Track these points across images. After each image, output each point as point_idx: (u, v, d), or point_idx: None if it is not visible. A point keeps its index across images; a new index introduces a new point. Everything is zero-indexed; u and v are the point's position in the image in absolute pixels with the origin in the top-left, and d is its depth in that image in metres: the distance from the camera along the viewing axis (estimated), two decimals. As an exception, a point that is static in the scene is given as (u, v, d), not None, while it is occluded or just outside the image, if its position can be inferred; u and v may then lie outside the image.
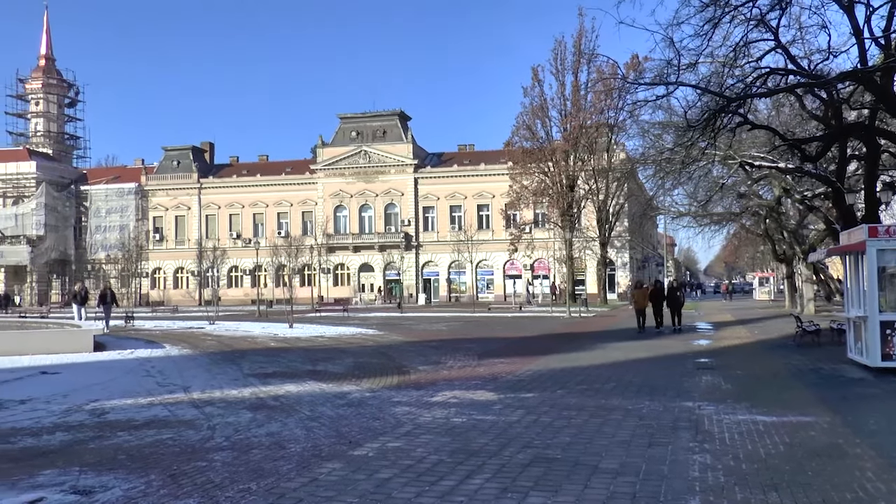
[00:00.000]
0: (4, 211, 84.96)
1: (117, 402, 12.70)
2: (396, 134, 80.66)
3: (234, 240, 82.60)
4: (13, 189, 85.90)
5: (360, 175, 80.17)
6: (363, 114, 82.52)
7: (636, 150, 60.89)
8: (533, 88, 62.43)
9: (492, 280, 77.67)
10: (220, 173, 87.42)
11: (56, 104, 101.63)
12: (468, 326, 34.14)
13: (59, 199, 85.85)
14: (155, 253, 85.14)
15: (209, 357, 20.68)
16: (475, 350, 21.33)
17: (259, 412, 11.33)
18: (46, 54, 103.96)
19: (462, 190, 78.16)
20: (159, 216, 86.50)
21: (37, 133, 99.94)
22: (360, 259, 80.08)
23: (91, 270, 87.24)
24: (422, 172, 79.34)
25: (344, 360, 18.93)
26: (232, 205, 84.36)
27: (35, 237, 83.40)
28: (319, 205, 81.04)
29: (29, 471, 7.99)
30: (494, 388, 13.51)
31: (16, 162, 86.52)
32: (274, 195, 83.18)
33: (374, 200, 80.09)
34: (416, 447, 8.60)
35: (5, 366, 18.80)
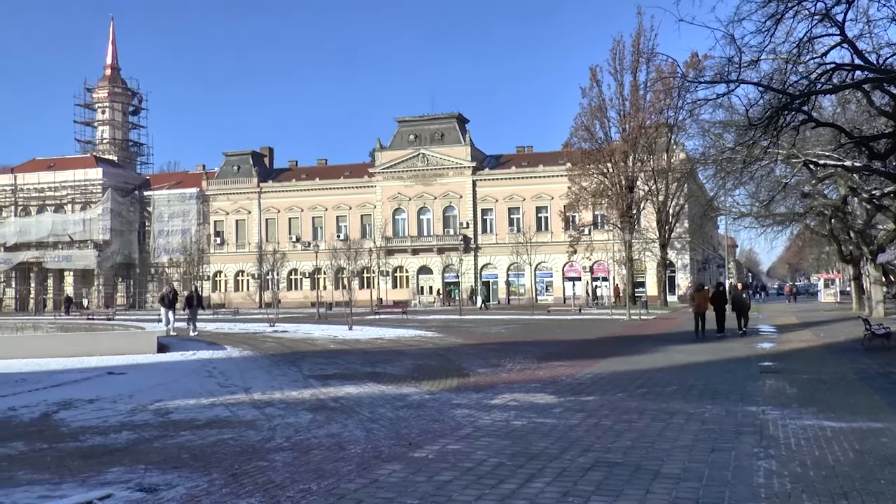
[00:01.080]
0: (73, 216, 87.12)
1: (180, 402, 12.92)
2: (454, 136, 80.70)
3: (294, 243, 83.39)
4: (81, 195, 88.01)
5: (418, 178, 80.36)
6: (421, 117, 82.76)
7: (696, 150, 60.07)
8: (591, 89, 62.05)
9: (551, 282, 77.27)
10: (280, 177, 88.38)
11: (121, 112, 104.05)
12: (527, 329, 34.00)
13: (123, 204, 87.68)
14: (216, 256, 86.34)
15: (269, 359, 20.90)
16: (534, 353, 21.22)
17: (319, 413, 11.41)
18: (112, 64, 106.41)
19: (520, 192, 77.90)
20: (220, 220, 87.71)
21: (103, 140, 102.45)
22: (419, 262, 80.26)
23: (154, 274, 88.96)
24: (480, 175, 79.27)
25: (403, 363, 18.97)
26: (291, 208, 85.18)
27: (101, 241, 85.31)
28: (378, 208, 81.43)
29: (97, 468, 8.18)
30: (554, 391, 13.42)
31: (84, 169, 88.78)
32: (333, 199, 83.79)
33: (433, 203, 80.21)
34: (475, 450, 8.58)
35: (75, 366, 19.28)
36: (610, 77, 61.57)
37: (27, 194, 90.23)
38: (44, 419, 11.55)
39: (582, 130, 62.91)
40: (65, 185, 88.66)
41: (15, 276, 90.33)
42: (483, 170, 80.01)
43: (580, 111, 63.25)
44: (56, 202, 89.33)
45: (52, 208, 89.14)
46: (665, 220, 62.01)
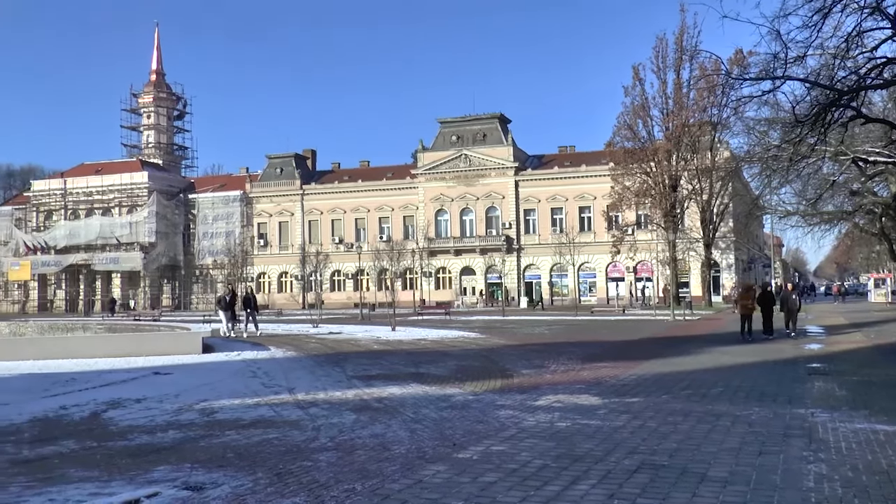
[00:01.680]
0: (119, 219, 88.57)
1: (225, 402, 13.03)
2: (496, 137, 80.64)
3: (337, 244, 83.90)
4: (127, 198, 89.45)
5: (460, 179, 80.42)
6: (463, 118, 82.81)
7: (741, 148, 59.36)
8: (634, 87, 61.69)
9: (594, 283, 76.90)
10: (323, 179, 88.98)
11: (166, 116, 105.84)
12: (571, 330, 33.86)
13: (168, 207, 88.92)
14: (260, 258, 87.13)
15: (313, 359, 21.01)
16: (578, 354, 21.11)
17: (363, 414, 11.44)
18: (157, 69, 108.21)
19: (563, 192, 77.64)
20: (263, 222, 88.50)
21: (148, 145, 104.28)
22: (462, 262, 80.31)
23: (199, 276, 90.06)
24: (522, 175, 79.13)
25: (447, 363, 18.97)
26: (334, 210, 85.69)
27: (147, 244, 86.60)
28: (420, 209, 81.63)
29: (144, 466, 8.29)
30: (598, 392, 13.33)
31: (130, 173, 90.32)
32: (375, 200, 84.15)
33: (475, 204, 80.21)
34: (520, 451, 8.54)
35: (122, 366, 19.56)
36: (653, 75, 61.20)
37: (76, 198, 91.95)
38: (93, 418, 11.73)
39: (625, 129, 62.57)
40: (112, 189, 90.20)
41: (65, 277, 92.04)
42: (525, 170, 79.89)
43: (623, 110, 62.97)
44: (104, 205, 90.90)
45: (99, 212, 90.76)
46: (709, 220, 61.43)
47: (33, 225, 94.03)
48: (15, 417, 11.76)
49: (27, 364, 20.56)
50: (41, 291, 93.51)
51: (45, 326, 36.84)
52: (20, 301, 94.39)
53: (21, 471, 8.24)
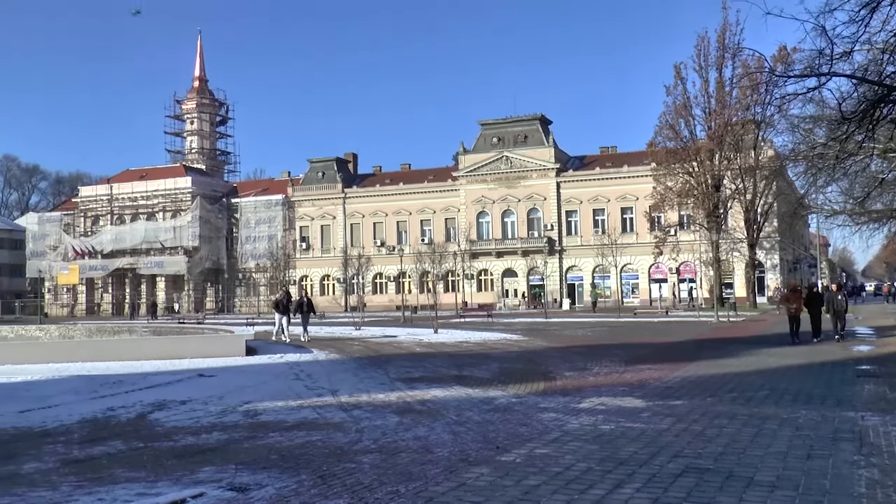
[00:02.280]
0: (164, 224, 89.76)
1: (269, 404, 13.12)
2: (538, 138, 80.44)
3: (379, 247, 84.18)
4: (171, 203, 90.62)
5: (501, 181, 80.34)
6: (504, 119, 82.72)
7: (785, 147, 58.36)
8: (675, 87, 61.15)
9: (637, 284, 76.39)
10: (364, 183, 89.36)
11: (209, 122, 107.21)
12: (613, 332, 33.66)
13: (212, 211, 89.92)
14: (302, 261, 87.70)
15: (356, 361, 21.10)
16: (621, 356, 20.97)
17: (406, 416, 11.45)
18: (200, 76, 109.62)
19: (605, 193, 77.25)
20: (305, 226, 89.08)
21: (192, 150, 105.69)
22: (504, 264, 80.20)
23: (242, 279, 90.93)
24: (564, 176, 78.85)
25: (489, 366, 18.94)
26: (376, 213, 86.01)
27: (191, 248, 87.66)
28: (462, 211, 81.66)
29: (190, 467, 8.38)
30: (642, 394, 13.22)
31: (174, 178, 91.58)
32: (417, 203, 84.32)
33: (517, 205, 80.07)
34: (564, 454, 8.49)
35: (167, 368, 19.80)
36: (694, 74, 60.61)
37: (122, 203, 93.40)
38: (140, 419, 11.90)
39: (666, 129, 62.04)
40: (156, 194, 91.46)
41: (111, 281, 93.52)
42: (567, 171, 79.59)
43: (664, 109, 62.44)
44: (148, 210, 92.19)
45: (144, 216, 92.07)
46: (753, 220, 60.73)
47: (81, 230, 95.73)
48: (65, 418, 11.99)
49: (76, 366, 20.90)
50: (89, 295, 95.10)
51: (93, 329, 37.38)
52: (69, 304, 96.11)
53: (71, 470, 8.41)
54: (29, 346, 26.93)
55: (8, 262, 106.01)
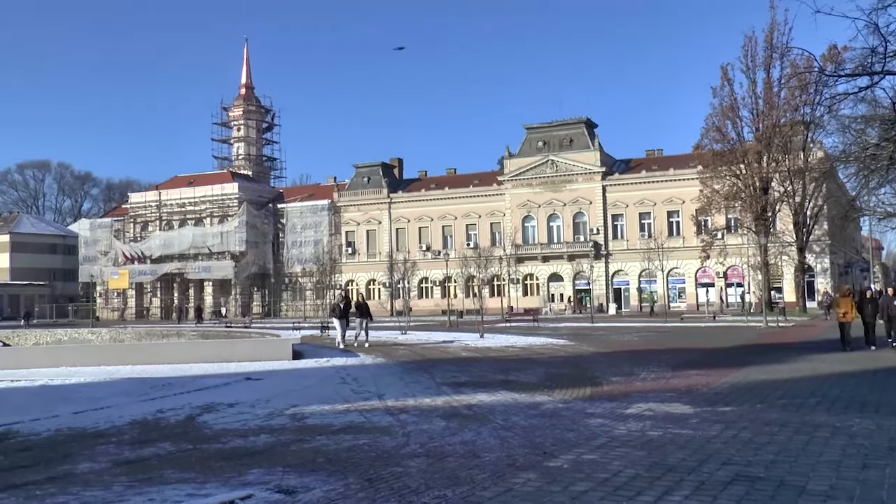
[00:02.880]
0: (211, 229, 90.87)
1: (315, 407, 13.20)
2: (583, 142, 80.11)
3: (424, 252, 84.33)
4: (218, 209, 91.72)
5: (547, 185, 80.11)
6: (549, 123, 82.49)
7: (835, 148, 57.49)
8: (722, 88, 60.50)
9: (683, 289, 75.65)
10: (410, 188, 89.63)
11: (255, 129, 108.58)
12: (660, 337, 33.37)
13: (258, 217, 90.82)
14: (348, 266, 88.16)
15: (402, 366, 21.15)
16: (668, 361, 20.77)
17: (452, 420, 11.45)
18: (246, 83, 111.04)
19: (651, 196, 76.66)
20: (351, 230, 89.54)
21: (238, 157, 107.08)
22: (549, 269, 79.93)
23: (288, 283, 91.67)
24: (609, 180, 78.41)
25: (535, 370, 18.88)
26: (421, 218, 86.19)
27: (238, 253, 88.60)
28: (507, 215, 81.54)
29: (238, 469, 8.47)
30: (690, 400, 13.07)
31: (221, 184, 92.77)
32: (462, 207, 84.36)
33: (562, 209, 79.76)
34: (611, 460, 8.43)
35: (215, 371, 20.05)
36: (742, 75, 59.93)
37: (170, 209, 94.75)
38: (188, 421, 12.06)
39: (713, 131, 61.39)
40: (204, 200, 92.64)
41: (160, 286, 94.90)
42: (612, 175, 79.13)
43: (711, 111, 61.80)
44: (196, 216, 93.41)
45: (192, 222, 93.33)
46: (802, 223, 59.89)
47: (131, 236, 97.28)
48: (116, 420, 12.21)
49: (126, 369, 21.26)
50: (138, 299, 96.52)
51: (143, 333, 37.92)
52: (119, 308, 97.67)
53: (123, 471, 8.56)
54: (82, 350, 27.42)
55: (62, 266, 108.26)
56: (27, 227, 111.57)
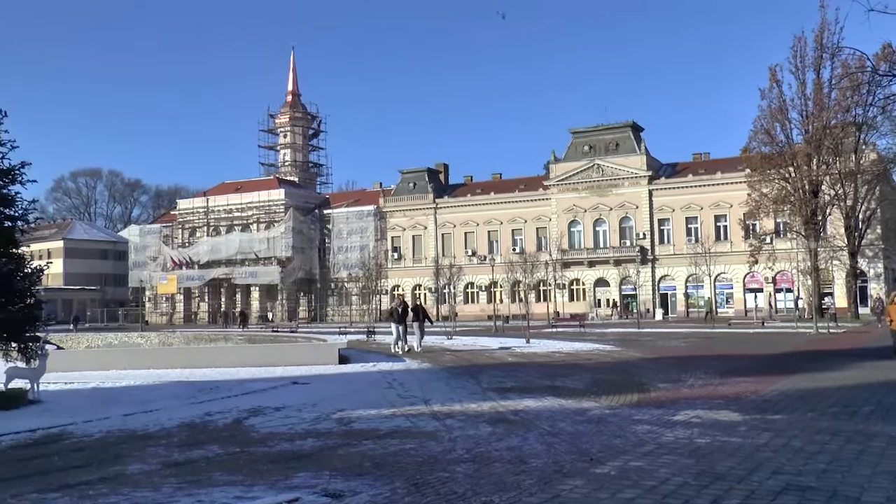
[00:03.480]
0: (258, 235, 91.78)
1: (362, 412, 13.26)
2: (629, 146, 79.61)
3: (470, 257, 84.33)
4: (265, 215, 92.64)
5: (593, 189, 79.71)
6: (595, 127, 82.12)
7: (889, 149, 56.66)
8: (770, 90, 59.65)
9: (731, 294, 74.74)
10: (455, 193, 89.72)
11: (301, 136, 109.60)
12: (708, 343, 33.01)
13: (304, 222, 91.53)
14: (393, 271, 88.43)
15: (448, 371, 21.15)
16: (716, 367, 20.51)
17: (499, 426, 11.42)
18: (293, 91, 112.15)
19: (698, 200, 75.89)
20: (397, 236, 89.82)
21: (285, 163, 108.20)
22: (596, 274, 79.49)
23: (334, 288, 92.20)
24: (656, 184, 77.79)
25: (582, 376, 18.77)
26: (467, 223, 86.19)
27: (284, 258, 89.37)
28: (553, 220, 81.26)
29: (285, 472, 8.55)
30: (738, 408, 12.89)
31: (267, 190, 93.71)
32: (508, 212, 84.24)
33: (608, 214, 79.30)
34: (658, 467, 8.35)
35: (262, 375, 20.24)
36: (791, 76, 59.04)
37: (217, 215, 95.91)
38: (236, 424, 12.19)
39: (761, 134, 60.55)
40: (250, 206, 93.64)
41: (207, 291, 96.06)
42: (659, 179, 78.49)
43: (759, 114, 60.92)
44: (243, 222, 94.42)
45: (239, 228, 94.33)
46: (854, 227, 58.83)
47: (179, 241, 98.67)
48: (165, 422, 12.40)
49: (175, 372, 21.55)
50: (186, 304, 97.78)
51: (191, 337, 38.43)
52: (168, 313, 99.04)
53: (172, 472, 8.70)
54: (131, 353, 27.86)
55: (112, 272, 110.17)
56: (80, 233, 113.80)
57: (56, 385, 18.41)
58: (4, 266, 15.82)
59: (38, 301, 17.31)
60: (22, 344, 16.10)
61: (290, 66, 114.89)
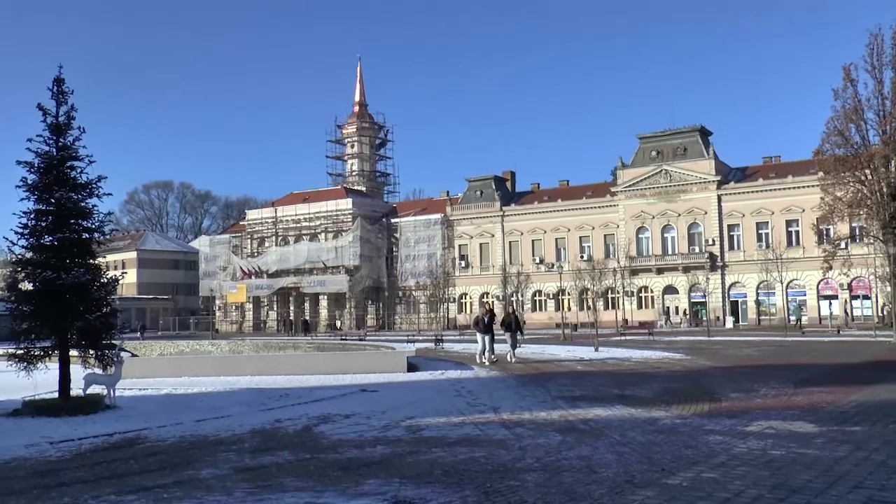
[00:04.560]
0: (326, 244, 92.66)
1: (430, 419, 13.29)
2: (697, 150, 78.46)
3: (537, 264, 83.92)
4: (333, 224, 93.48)
5: (661, 195, 78.74)
6: (662, 132, 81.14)
7: (974, 151, 54.66)
8: (845, 90, 57.86)
9: (804, 301, 73.04)
10: (522, 200, 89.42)
11: (368, 145, 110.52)
12: (780, 351, 32.31)
13: (372, 231, 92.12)
14: (461, 279, 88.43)
15: (517, 379, 21.09)
16: (790, 377, 20.05)
17: (568, 435, 11.34)
18: (360, 101, 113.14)
19: (768, 205, 74.35)
20: (464, 244, 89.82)
21: (352, 173, 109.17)
22: (664, 281, 78.45)
23: (402, 297, 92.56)
24: (725, 189, 76.46)
25: (652, 385, 18.56)
26: (534, 230, 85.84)
27: (352, 267, 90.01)
28: (621, 227, 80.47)
29: (355, 479, 8.61)
30: (814, 419, 12.57)
31: (335, 200, 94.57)
32: (575, 219, 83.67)
33: (677, 220, 78.22)
34: (732, 479, 8.18)
35: (330, 383, 20.43)
36: (866, 75, 57.13)
37: (286, 225, 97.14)
38: (306, 431, 12.32)
39: (835, 135, 58.85)
40: (318, 216, 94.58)
41: (276, 299, 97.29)
42: (728, 183, 77.10)
43: (832, 115, 59.00)
44: (311, 231, 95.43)
45: (307, 237, 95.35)
46: (936, 230, 56.98)
47: (248, 251, 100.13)
48: (237, 428, 12.59)
49: (245, 379, 21.88)
50: (255, 312, 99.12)
51: (260, 345, 38.95)
52: (237, 321, 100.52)
53: (244, 477, 8.84)
54: (202, 360, 28.33)
55: (184, 281, 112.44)
56: (152, 243, 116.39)
57: (131, 391, 18.85)
58: (82, 276, 16.28)
59: (114, 310, 17.78)
60: (99, 351, 16.55)
61: (357, 76, 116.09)
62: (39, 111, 16.85)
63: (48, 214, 16.66)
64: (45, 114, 16.86)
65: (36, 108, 16.81)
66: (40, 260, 16.59)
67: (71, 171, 16.86)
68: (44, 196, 16.62)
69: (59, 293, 16.11)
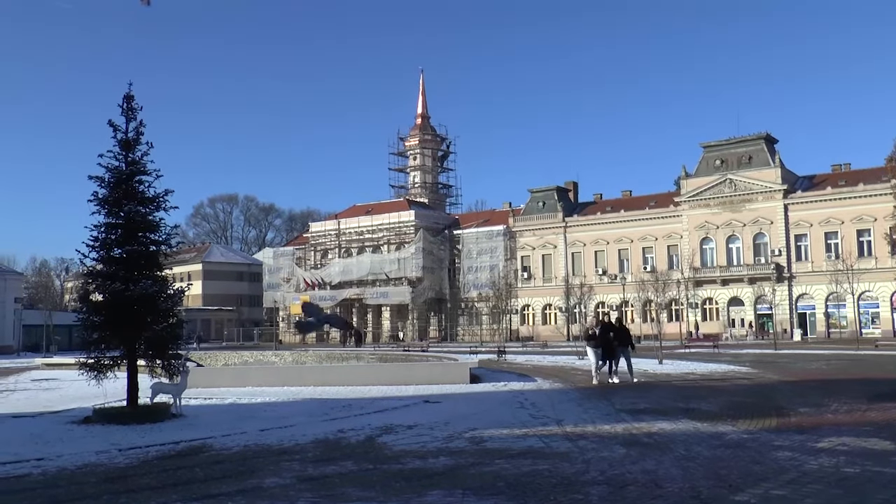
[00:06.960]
0: (388, 256, 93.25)
1: (493, 431, 13.23)
2: (763, 159, 77.10)
3: (600, 276, 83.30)
4: (395, 236, 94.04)
5: (725, 205, 77.56)
6: (726, 140, 79.93)
7: None
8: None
9: (877, 314, 71.20)
10: (585, 211, 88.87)
11: (430, 158, 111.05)
12: (852, 365, 31.47)
13: (434, 243, 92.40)
14: (523, 290, 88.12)
15: (580, 391, 20.94)
16: (863, 392, 19.49)
17: (632, 448, 11.19)
18: (422, 113, 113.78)
19: (838, 214, 72.67)
20: (526, 255, 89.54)
21: (415, 185, 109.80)
22: (729, 293, 77.16)
23: (464, 308, 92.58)
24: (791, 198, 74.97)
25: (717, 398, 18.22)
26: (597, 241, 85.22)
27: (415, 278, 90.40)
28: (685, 237, 79.45)
29: (418, 490, 8.60)
30: (890, 436, 12.16)
31: (397, 212, 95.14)
32: (638, 230, 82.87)
33: (742, 230, 76.95)
34: (803, 497, 7.96)
35: (393, 394, 20.49)
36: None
37: (348, 237, 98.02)
38: (368, 442, 12.36)
39: (908, 143, 57.80)
40: (381, 228, 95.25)
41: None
42: (795, 192, 75.56)
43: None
44: (373, 243, 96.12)
45: (370, 249, 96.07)
46: None
47: (311, 263, 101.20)
48: (300, 438, 12.69)
49: (308, 389, 22.07)
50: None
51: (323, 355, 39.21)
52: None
53: (307, 486, 8.89)
54: (266, 371, 28.66)
55: (248, 293, 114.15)
56: (217, 256, 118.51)
57: (196, 400, 19.14)
58: (149, 288, 16.60)
59: (180, 321, 18.12)
60: (165, 361, 16.85)
61: (420, 88, 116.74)
62: (110, 127, 17.29)
63: (118, 227, 17.07)
64: (115, 130, 17.28)
65: (106, 125, 17.28)
66: (110, 272, 16.99)
67: (139, 185, 17.27)
68: (113, 210, 17.04)
69: (128, 304, 16.46)
